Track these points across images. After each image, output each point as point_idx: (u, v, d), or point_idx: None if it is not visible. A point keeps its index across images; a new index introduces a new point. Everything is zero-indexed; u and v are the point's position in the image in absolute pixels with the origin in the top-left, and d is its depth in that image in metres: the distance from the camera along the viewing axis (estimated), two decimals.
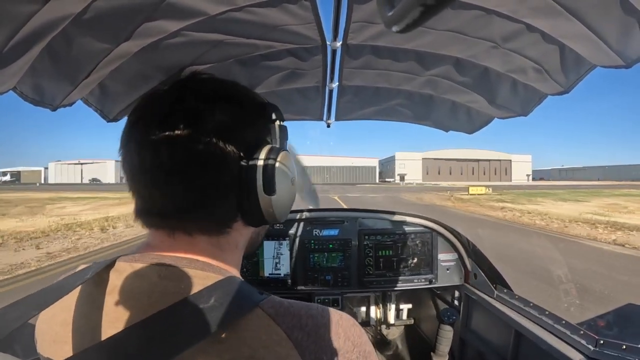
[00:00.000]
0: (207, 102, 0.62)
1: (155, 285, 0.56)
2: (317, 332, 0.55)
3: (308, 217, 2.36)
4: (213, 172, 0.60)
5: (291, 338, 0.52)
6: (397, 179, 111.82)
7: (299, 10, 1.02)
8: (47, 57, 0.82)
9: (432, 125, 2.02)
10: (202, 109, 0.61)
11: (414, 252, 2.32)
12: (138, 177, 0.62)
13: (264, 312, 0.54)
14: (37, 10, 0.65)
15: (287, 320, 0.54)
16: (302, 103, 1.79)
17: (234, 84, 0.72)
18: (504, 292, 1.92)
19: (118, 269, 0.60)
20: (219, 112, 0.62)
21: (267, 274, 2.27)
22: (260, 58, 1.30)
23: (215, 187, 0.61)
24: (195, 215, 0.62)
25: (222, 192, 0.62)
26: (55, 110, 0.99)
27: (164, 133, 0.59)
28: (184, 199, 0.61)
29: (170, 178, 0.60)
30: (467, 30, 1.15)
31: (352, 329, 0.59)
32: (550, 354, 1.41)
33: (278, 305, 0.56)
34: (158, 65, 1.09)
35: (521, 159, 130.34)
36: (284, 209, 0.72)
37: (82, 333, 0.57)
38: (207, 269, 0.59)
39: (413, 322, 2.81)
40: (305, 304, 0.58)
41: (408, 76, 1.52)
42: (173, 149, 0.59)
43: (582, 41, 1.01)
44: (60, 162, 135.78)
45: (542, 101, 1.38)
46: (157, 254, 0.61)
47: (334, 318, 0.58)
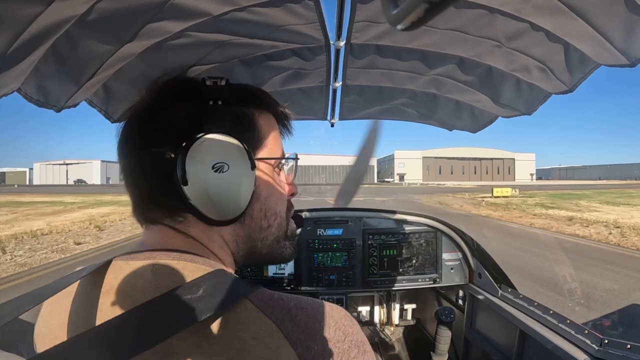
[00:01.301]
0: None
1: (149, 282, 0.56)
2: (307, 322, 0.55)
3: (312, 217, 2.36)
4: (147, 168, 0.65)
5: (281, 328, 0.52)
6: (397, 179, 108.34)
7: (303, 10, 1.02)
8: (51, 59, 0.83)
9: (436, 125, 2.02)
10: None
11: (418, 251, 2.31)
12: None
13: (252, 305, 0.54)
14: (41, 12, 0.66)
15: (276, 312, 0.54)
16: (306, 103, 1.79)
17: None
18: (509, 291, 1.91)
19: (114, 269, 0.60)
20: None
21: (271, 273, 2.28)
22: (264, 58, 1.31)
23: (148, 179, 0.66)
24: (149, 207, 0.67)
25: (155, 184, 0.65)
26: (59, 111, 0.99)
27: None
28: (139, 195, 0.67)
29: (129, 179, 0.68)
30: (471, 29, 1.14)
31: (343, 319, 0.59)
32: (554, 353, 1.40)
33: (268, 297, 0.56)
34: (162, 66, 1.10)
35: (525, 157, 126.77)
36: (213, 202, 0.64)
37: (78, 331, 0.57)
38: (197, 261, 0.60)
39: (417, 322, 2.80)
40: (296, 297, 0.58)
41: (412, 75, 1.52)
42: (125, 153, 0.68)
43: (586, 40, 1.01)
44: (45, 163, 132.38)
45: (546, 100, 1.37)
46: (149, 251, 0.61)
47: (324, 309, 0.58)
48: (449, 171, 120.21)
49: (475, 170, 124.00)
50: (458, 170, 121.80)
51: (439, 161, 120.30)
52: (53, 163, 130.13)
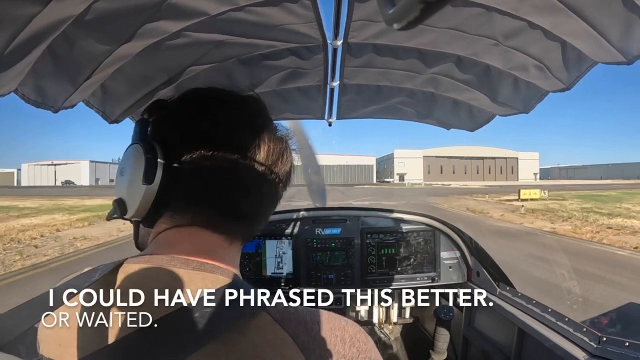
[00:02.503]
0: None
1: (161, 286, 0.56)
2: (323, 337, 0.55)
3: (310, 216, 2.36)
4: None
5: (297, 342, 0.53)
6: (397, 179, 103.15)
7: (300, 9, 1.02)
8: (48, 59, 0.82)
9: (434, 123, 2.02)
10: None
11: (416, 250, 2.32)
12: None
13: (270, 317, 0.54)
14: (38, 12, 0.65)
15: (292, 325, 0.54)
16: (303, 102, 1.79)
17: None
18: (507, 289, 1.92)
19: (125, 271, 0.59)
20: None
21: (270, 273, 2.28)
22: (262, 57, 1.30)
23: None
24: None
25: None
26: (57, 112, 0.99)
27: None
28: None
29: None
30: (468, 28, 1.15)
31: (357, 335, 0.59)
32: (553, 351, 1.40)
33: (284, 310, 0.56)
34: (159, 66, 1.09)
35: (528, 156, 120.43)
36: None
37: (88, 336, 0.57)
38: (216, 272, 0.59)
39: (415, 321, 2.81)
40: (311, 310, 0.59)
41: (409, 74, 1.52)
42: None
43: (583, 38, 1.01)
44: (33, 163, 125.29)
45: (543, 98, 1.37)
46: (162, 255, 0.60)
47: (340, 324, 0.58)
48: (451, 171, 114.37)
49: (477, 169, 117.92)
50: (460, 170, 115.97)
51: (440, 160, 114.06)
52: (41, 164, 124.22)
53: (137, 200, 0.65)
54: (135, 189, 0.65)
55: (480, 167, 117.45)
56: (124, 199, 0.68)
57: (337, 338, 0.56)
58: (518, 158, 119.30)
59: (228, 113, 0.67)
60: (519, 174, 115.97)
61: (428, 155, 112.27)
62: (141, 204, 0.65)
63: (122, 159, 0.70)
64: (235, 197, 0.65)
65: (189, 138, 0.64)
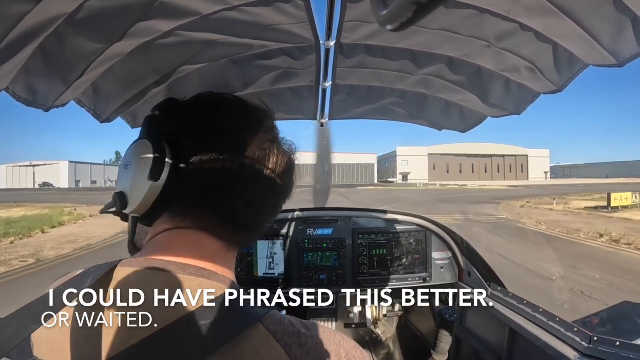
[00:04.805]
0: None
1: (158, 292, 0.55)
2: (317, 351, 0.55)
3: (301, 217, 2.36)
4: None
5: (290, 355, 0.52)
6: (400, 179, 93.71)
7: (293, 10, 1.02)
8: (40, 57, 0.81)
9: (426, 124, 2.03)
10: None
11: (408, 250, 2.32)
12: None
13: (264, 328, 0.54)
14: (30, 10, 0.65)
15: (286, 338, 0.54)
16: (295, 102, 1.79)
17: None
18: (498, 290, 1.93)
19: (118, 275, 0.59)
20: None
21: (261, 273, 2.27)
22: (254, 57, 1.30)
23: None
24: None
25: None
26: (48, 110, 0.98)
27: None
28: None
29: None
30: (460, 30, 1.15)
31: (353, 351, 0.59)
32: (544, 351, 1.41)
33: (279, 322, 0.56)
34: (151, 65, 1.09)
35: (538, 154, 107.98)
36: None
37: (81, 342, 0.56)
38: (213, 278, 0.59)
39: (407, 321, 2.81)
40: (306, 323, 0.58)
41: (401, 75, 1.52)
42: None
43: (575, 40, 1.02)
44: (12, 165, 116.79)
45: (535, 100, 1.39)
46: (159, 259, 0.60)
47: (335, 339, 0.58)
48: (458, 170, 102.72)
49: (485, 168, 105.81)
50: (467, 169, 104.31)
51: (446, 158, 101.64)
52: (20, 165, 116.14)
53: (140, 196, 0.64)
54: (139, 184, 0.64)
55: (489, 165, 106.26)
56: (126, 193, 0.66)
57: (331, 353, 0.56)
58: (528, 156, 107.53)
59: (243, 121, 0.67)
60: (529, 173, 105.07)
61: (433, 152, 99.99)
62: (144, 200, 0.63)
63: (128, 153, 0.68)
64: (239, 206, 0.64)
65: (201, 140, 0.63)
